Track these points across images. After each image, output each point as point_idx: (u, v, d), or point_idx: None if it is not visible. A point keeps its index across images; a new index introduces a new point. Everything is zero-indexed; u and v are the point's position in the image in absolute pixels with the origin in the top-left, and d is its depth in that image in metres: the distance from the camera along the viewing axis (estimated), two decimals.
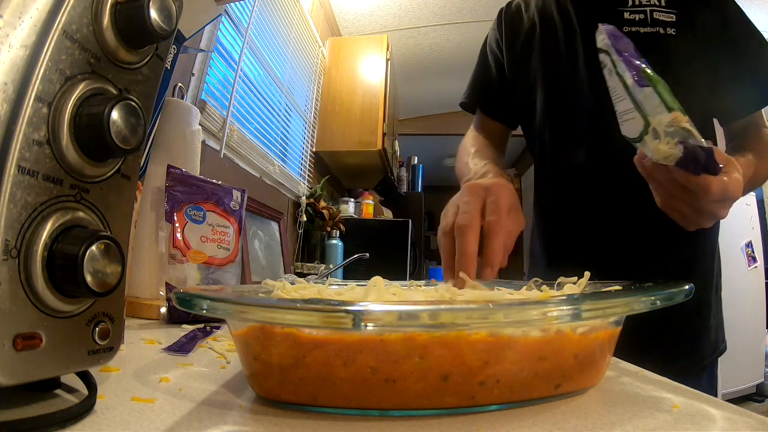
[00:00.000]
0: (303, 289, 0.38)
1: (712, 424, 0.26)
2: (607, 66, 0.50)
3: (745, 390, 2.87)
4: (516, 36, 0.82)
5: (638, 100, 0.47)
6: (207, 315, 0.27)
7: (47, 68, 0.23)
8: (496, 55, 0.85)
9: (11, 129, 0.22)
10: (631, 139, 0.49)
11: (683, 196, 0.48)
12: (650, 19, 0.69)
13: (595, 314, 0.28)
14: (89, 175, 0.27)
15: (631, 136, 0.49)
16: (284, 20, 2.03)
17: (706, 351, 0.71)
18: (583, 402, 0.30)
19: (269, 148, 1.87)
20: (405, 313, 0.25)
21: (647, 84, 0.47)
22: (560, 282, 0.40)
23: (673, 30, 0.68)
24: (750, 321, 2.86)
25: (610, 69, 0.50)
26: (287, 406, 0.28)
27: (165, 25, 0.27)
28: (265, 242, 1.70)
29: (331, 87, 2.54)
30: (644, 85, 0.47)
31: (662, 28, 0.68)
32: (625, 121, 0.49)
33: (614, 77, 0.49)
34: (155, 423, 0.25)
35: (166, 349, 0.43)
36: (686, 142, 0.45)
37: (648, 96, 0.46)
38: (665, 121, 0.45)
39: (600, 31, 0.52)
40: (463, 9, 2.66)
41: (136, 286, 0.70)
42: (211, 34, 1.38)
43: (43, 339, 0.24)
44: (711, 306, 0.73)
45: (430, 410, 0.27)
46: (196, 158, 0.84)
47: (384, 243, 2.40)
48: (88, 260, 0.24)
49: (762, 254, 3.13)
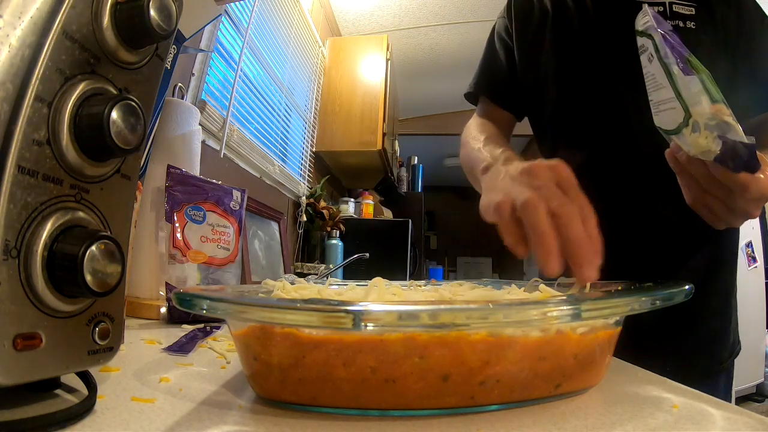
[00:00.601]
0: (303, 289, 0.38)
1: (712, 424, 0.26)
2: (648, 50, 0.47)
3: (745, 390, 2.88)
4: (527, 23, 0.78)
5: (681, 88, 0.44)
6: (207, 315, 0.27)
7: (47, 68, 0.23)
8: (505, 42, 0.82)
9: (11, 129, 0.22)
10: (667, 131, 0.46)
11: (718, 192, 0.46)
12: (669, 12, 0.66)
13: (595, 314, 0.28)
14: (89, 175, 0.27)
15: (667, 128, 0.46)
16: (284, 20, 2.03)
17: (726, 353, 0.70)
18: (583, 402, 0.30)
19: (269, 148, 1.87)
20: (405, 313, 0.25)
21: (692, 72, 0.44)
22: (560, 283, 0.40)
23: (693, 24, 0.65)
24: (750, 321, 2.86)
25: (650, 54, 0.47)
26: (287, 406, 0.28)
27: (165, 25, 0.27)
28: (265, 242, 1.70)
29: (331, 87, 2.54)
30: (690, 73, 0.44)
31: (681, 22, 0.66)
32: (662, 111, 0.46)
33: (655, 63, 0.46)
34: (155, 423, 0.25)
35: (166, 349, 0.43)
36: (726, 137, 0.42)
37: (693, 85, 0.43)
38: (707, 113, 0.42)
39: (644, 12, 0.49)
40: (463, 9, 2.65)
41: (136, 286, 0.70)
42: (211, 34, 1.38)
43: (43, 339, 0.24)
44: (732, 307, 0.72)
45: (430, 410, 0.27)
46: (196, 158, 0.84)
47: (384, 243, 2.40)
48: (88, 260, 0.24)
49: (762, 254, 3.13)
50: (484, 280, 0.52)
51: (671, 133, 0.46)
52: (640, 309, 0.28)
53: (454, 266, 5.58)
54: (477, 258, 5.54)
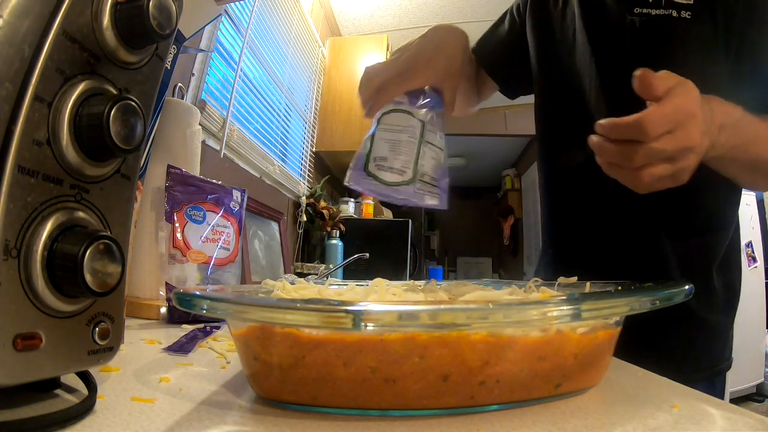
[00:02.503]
0: (303, 289, 0.38)
1: (712, 424, 0.26)
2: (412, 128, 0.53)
3: (745, 390, 2.88)
4: (541, 10, 0.76)
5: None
6: (207, 315, 0.27)
7: (47, 68, 0.23)
8: (513, 18, 0.81)
9: (11, 129, 0.22)
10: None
11: (622, 149, 0.42)
12: (664, 1, 0.62)
13: (595, 314, 0.28)
14: (89, 175, 0.27)
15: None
16: (284, 20, 2.03)
17: (727, 352, 0.69)
18: (583, 402, 0.30)
19: (269, 148, 1.87)
20: (405, 313, 0.25)
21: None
22: (560, 283, 0.40)
23: (689, 13, 0.61)
24: (750, 321, 2.86)
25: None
26: (287, 406, 0.28)
27: (165, 25, 0.27)
28: (265, 242, 1.70)
29: (331, 87, 2.54)
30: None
31: (676, 11, 0.61)
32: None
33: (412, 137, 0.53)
34: (155, 423, 0.25)
35: (166, 349, 0.43)
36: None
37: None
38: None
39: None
40: (463, 9, 2.65)
41: (136, 286, 0.70)
42: (211, 34, 1.38)
43: (43, 339, 0.24)
44: (734, 308, 0.71)
45: (430, 410, 0.27)
46: (196, 158, 0.84)
47: (384, 243, 2.40)
48: (88, 260, 0.24)
49: (762, 254, 3.13)
50: (485, 280, 0.52)
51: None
52: (640, 309, 0.28)
53: (454, 266, 5.58)
54: (477, 258, 5.54)
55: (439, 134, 0.54)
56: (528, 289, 0.42)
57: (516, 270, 4.76)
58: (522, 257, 4.59)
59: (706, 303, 0.65)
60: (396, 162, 0.51)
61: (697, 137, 0.41)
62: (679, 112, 0.40)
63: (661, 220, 0.65)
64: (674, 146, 0.40)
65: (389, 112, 0.53)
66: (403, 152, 0.51)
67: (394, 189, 0.51)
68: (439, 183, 0.53)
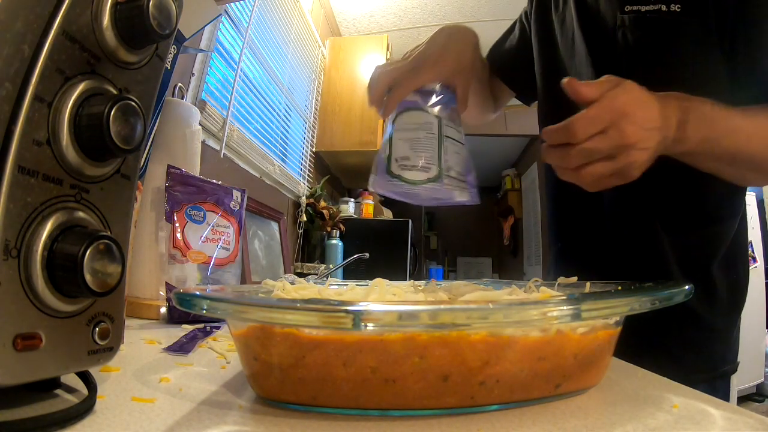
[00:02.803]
0: (303, 289, 0.38)
1: (712, 424, 0.26)
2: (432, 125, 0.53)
3: (745, 390, 2.88)
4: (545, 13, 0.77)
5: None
6: (207, 315, 0.27)
7: (47, 68, 0.23)
8: (522, 24, 0.82)
9: (11, 129, 0.22)
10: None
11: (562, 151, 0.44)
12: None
13: (595, 314, 0.28)
14: (89, 175, 0.27)
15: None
16: (284, 20, 2.03)
17: (730, 355, 0.69)
18: (583, 402, 0.30)
19: (269, 148, 1.87)
20: (405, 313, 0.25)
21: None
22: (560, 283, 0.40)
23: (678, 6, 0.59)
24: (750, 321, 2.86)
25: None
26: (287, 406, 0.28)
27: (165, 25, 0.27)
28: (265, 242, 1.70)
29: (331, 87, 2.54)
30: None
31: (665, 5, 0.60)
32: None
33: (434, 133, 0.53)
34: (155, 423, 0.25)
35: (166, 349, 0.43)
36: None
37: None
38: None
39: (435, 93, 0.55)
40: (463, 9, 2.65)
41: (136, 286, 0.70)
42: (211, 34, 1.38)
43: (43, 339, 0.24)
44: (739, 309, 0.71)
45: (430, 410, 0.27)
46: (196, 158, 0.84)
47: (384, 243, 2.40)
48: (88, 260, 0.24)
49: (762, 254, 3.13)
50: (485, 280, 0.52)
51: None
52: (640, 309, 0.28)
53: (454, 266, 5.58)
54: (477, 258, 5.54)
55: (458, 129, 0.53)
56: (528, 289, 0.42)
57: (516, 270, 4.76)
58: (522, 257, 4.58)
59: (706, 301, 0.65)
60: (419, 159, 0.50)
61: (633, 135, 0.42)
62: (610, 113, 0.41)
63: (657, 211, 0.64)
64: (608, 145, 0.42)
65: (403, 112, 0.53)
66: (425, 149, 0.50)
67: (421, 188, 0.50)
68: (466, 178, 0.52)
